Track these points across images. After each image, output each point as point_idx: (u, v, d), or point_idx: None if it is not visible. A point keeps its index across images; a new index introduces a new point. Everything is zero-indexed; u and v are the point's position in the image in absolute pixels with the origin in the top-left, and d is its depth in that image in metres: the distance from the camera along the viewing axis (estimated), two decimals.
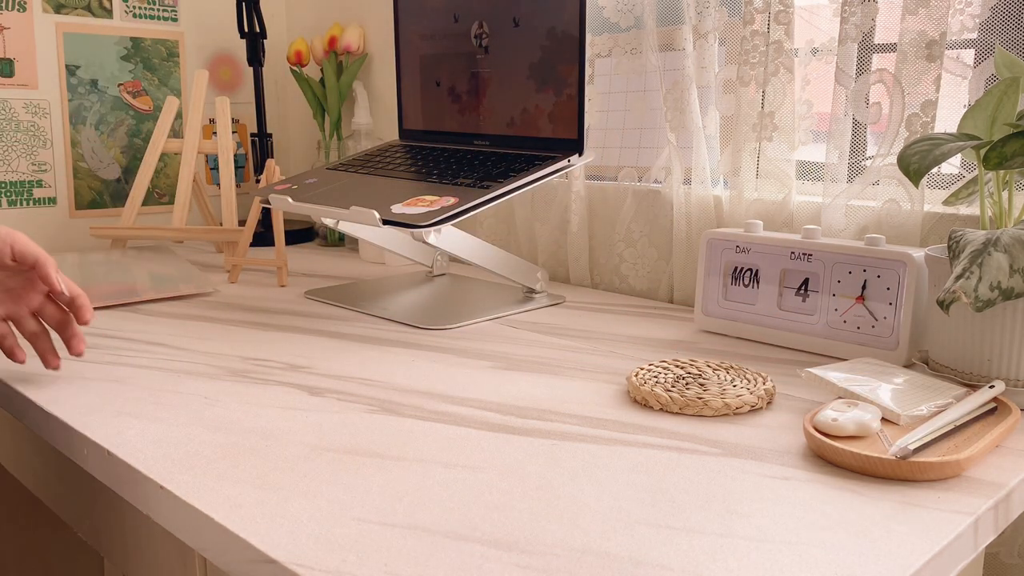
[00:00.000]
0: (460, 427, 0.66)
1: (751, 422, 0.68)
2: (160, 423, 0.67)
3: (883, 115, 0.91)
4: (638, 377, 0.74)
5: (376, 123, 1.60)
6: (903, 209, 0.90)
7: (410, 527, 0.50)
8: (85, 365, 0.81)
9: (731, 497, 0.54)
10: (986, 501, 0.54)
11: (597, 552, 0.47)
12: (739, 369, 0.77)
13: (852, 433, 0.61)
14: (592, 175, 1.22)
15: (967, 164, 0.90)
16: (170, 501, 0.55)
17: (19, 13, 1.41)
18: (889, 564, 0.46)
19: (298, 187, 1.11)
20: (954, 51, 0.88)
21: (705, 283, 0.94)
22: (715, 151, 1.07)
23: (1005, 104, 0.72)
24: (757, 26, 0.99)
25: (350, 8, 1.61)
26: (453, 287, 1.17)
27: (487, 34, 1.12)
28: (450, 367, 0.82)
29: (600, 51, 1.18)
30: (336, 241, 1.55)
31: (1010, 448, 0.62)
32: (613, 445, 0.63)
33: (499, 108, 1.12)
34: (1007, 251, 0.65)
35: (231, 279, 1.21)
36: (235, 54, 1.69)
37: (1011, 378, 0.70)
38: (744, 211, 1.03)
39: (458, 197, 0.95)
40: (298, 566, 0.46)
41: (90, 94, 1.50)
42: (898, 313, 0.80)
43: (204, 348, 0.87)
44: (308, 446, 0.62)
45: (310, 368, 0.81)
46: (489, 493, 0.55)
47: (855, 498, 0.54)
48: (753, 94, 1.00)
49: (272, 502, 0.53)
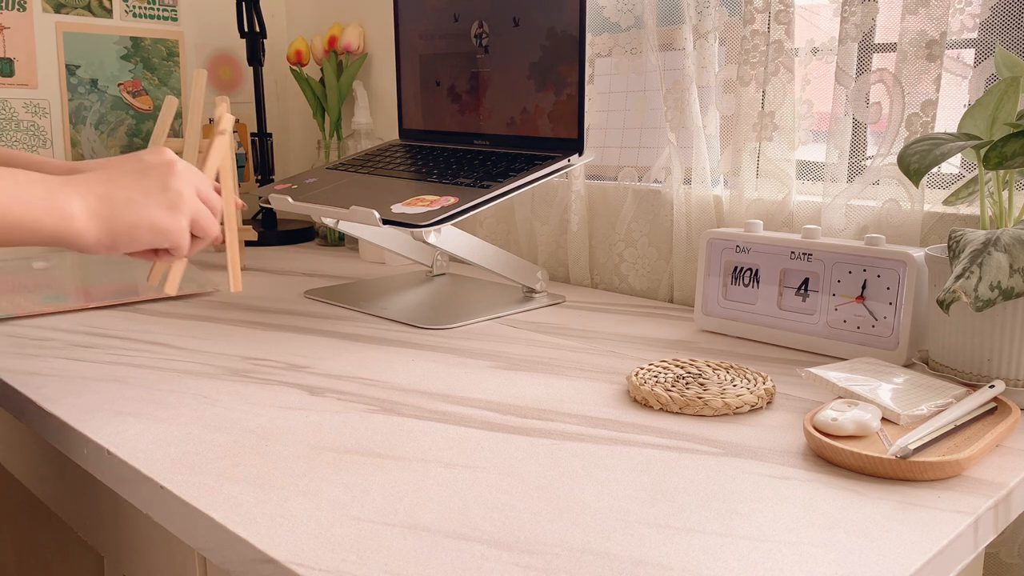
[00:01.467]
0: (460, 427, 0.66)
1: (751, 422, 0.68)
2: (160, 423, 0.67)
3: (883, 115, 0.91)
4: (638, 377, 0.74)
5: (376, 123, 1.60)
6: (903, 209, 0.90)
7: (410, 527, 0.50)
8: (85, 365, 0.81)
9: (731, 497, 0.54)
10: (986, 501, 0.54)
11: (597, 552, 0.47)
12: (739, 369, 0.77)
13: (852, 433, 0.61)
14: (592, 175, 1.22)
15: (967, 164, 0.90)
16: (170, 501, 0.55)
17: (19, 13, 1.41)
18: (889, 564, 0.46)
19: (298, 187, 1.11)
20: (954, 51, 0.88)
21: (705, 283, 0.94)
22: (715, 151, 1.07)
23: (1005, 104, 0.72)
24: (757, 26, 0.99)
25: (350, 8, 1.61)
26: (453, 287, 1.17)
27: (487, 34, 1.12)
28: (450, 367, 0.82)
29: (600, 51, 1.18)
30: (336, 241, 1.55)
31: (1010, 448, 0.62)
32: (613, 445, 0.63)
33: (499, 108, 1.12)
34: (1007, 251, 0.65)
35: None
36: (235, 54, 1.69)
37: (1011, 378, 0.70)
38: (744, 211, 1.03)
39: (458, 197, 0.95)
40: (298, 566, 0.46)
41: (90, 94, 1.50)
42: (898, 313, 0.80)
43: (204, 348, 0.87)
44: (308, 446, 0.62)
45: (310, 368, 0.81)
46: (489, 493, 0.55)
47: (855, 498, 0.54)
48: (753, 94, 1.00)
49: (272, 502, 0.53)
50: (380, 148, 1.24)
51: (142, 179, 0.59)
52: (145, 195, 0.58)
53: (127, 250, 0.60)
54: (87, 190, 0.57)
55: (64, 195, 0.55)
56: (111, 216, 0.57)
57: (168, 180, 0.59)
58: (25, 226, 0.53)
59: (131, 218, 0.58)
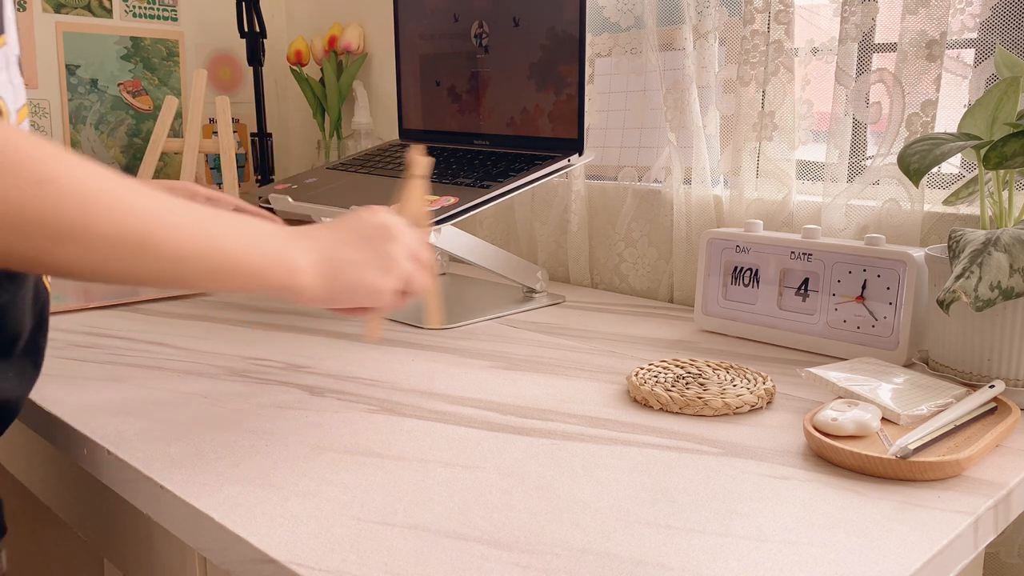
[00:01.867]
0: (460, 427, 0.66)
1: (751, 422, 0.68)
2: (160, 423, 0.67)
3: (883, 115, 0.91)
4: (638, 377, 0.74)
5: (376, 123, 1.60)
6: (903, 209, 0.90)
7: (410, 527, 0.50)
8: (85, 365, 0.81)
9: (731, 497, 0.54)
10: (986, 501, 0.54)
11: (597, 552, 0.47)
12: (739, 369, 0.77)
13: (852, 433, 0.61)
14: (592, 175, 1.22)
15: (967, 164, 0.90)
16: (170, 501, 0.55)
17: (19, 13, 1.41)
18: (889, 564, 0.46)
19: (298, 187, 1.11)
20: (954, 51, 0.88)
21: (705, 283, 0.94)
22: (715, 151, 1.07)
23: (1005, 104, 0.72)
24: (757, 26, 0.99)
25: (350, 8, 1.61)
26: (453, 287, 1.17)
27: (487, 34, 1.12)
28: (450, 367, 0.82)
29: (600, 51, 1.18)
30: None
31: (1010, 448, 0.62)
32: (613, 445, 0.63)
33: (499, 108, 1.12)
34: (1007, 251, 0.65)
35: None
36: (235, 54, 1.69)
37: (1011, 378, 0.70)
38: (744, 211, 1.03)
39: (458, 197, 0.95)
40: (298, 566, 0.46)
41: (90, 94, 1.50)
42: (898, 313, 0.80)
43: (204, 348, 0.87)
44: (308, 446, 0.62)
45: (310, 368, 0.81)
46: (489, 493, 0.55)
47: (855, 498, 0.54)
48: (753, 94, 1.00)
49: (272, 502, 0.53)
50: (380, 148, 1.24)
51: (363, 243, 0.63)
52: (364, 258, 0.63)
53: (340, 305, 0.64)
54: (313, 247, 0.61)
55: (295, 250, 0.59)
56: (333, 275, 0.61)
57: (386, 245, 0.64)
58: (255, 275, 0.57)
59: (350, 279, 0.62)
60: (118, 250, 0.49)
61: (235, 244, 0.55)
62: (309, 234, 0.62)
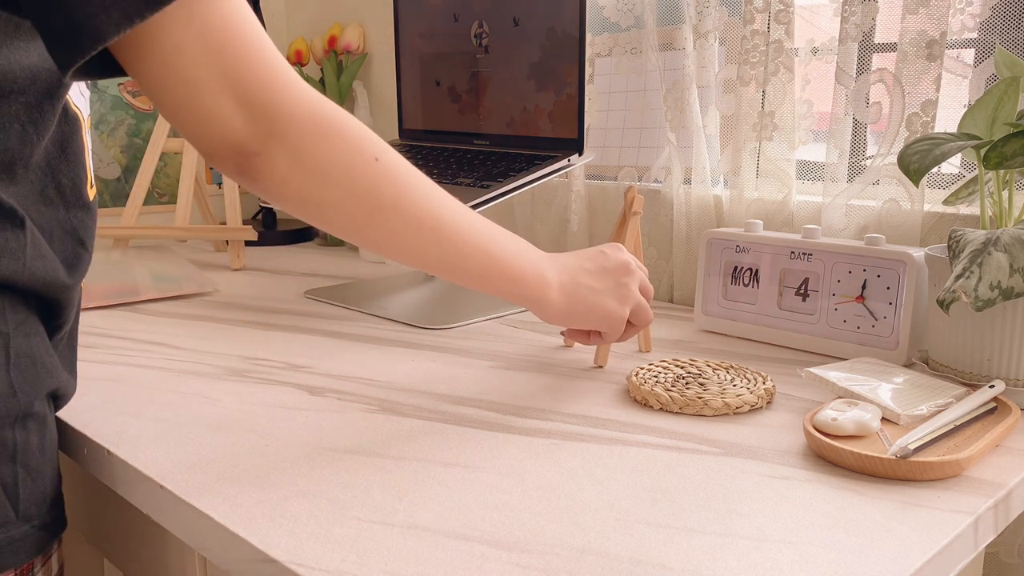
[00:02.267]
0: (460, 427, 0.66)
1: (751, 422, 0.68)
2: (160, 423, 0.67)
3: (883, 115, 0.91)
4: (638, 377, 0.74)
5: (376, 123, 1.60)
6: (903, 209, 0.90)
7: (410, 527, 0.50)
8: (85, 365, 0.81)
9: (731, 497, 0.54)
10: (986, 501, 0.54)
11: (597, 552, 0.47)
12: (739, 369, 0.77)
13: (852, 433, 0.61)
14: (592, 175, 1.22)
15: (967, 164, 0.90)
16: (170, 501, 0.55)
17: None
18: (889, 564, 0.46)
19: None
20: (954, 51, 0.88)
21: (705, 283, 0.94)
22: (715, 151, 1.07)
23: (1005, 104, 0.72)
24: (757, 25, 0.99)
25: (350, 8, 1.61)
26: (453, 287, 1.17)
27: (487, 33, 1.12)
28: (450, 367, 0.82)
29: (600, 51, 1.18)
30: (336, 241, 1.55)
31: (1010, 448, 0.62)
32: (613, 445, 0.63)
33: (499, 107, 1.12)
34: (1007, 251, 0.65)
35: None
36: None
37: (1011, 378, 0.70)
38: (744, 211, 1.03)
39: (458, 197, 0.95)
40: (298, 566, 0.46)
41: (90, 93, 1.50)
42: (898, 313, 0.80)
43: (204, 348, 0.87)
44: (308, 446, 0.62)
45: (310, 368, 0.81)
46: (489, 493, 0.55)
47: (855, 498, 0.54)
48: (753, 94, 1.00)
49: (272, 502, 0.53)
50: None
51: (604, 274, 0.71)
52: (604, 287, 0.71)
53: (576, 326, 0.72)
54: (562, 268, 0.69)
55: (548, 268, 0.68)
56: (575, 296, 0.69)
57: (622, 278, 0.72)
58: (516, 281, 0.65)
59: (589, 303, 0.70)
60: (421, 232, 0.58)
61: (504, 251, 0.63)
62: (558, 258, 0.70)
